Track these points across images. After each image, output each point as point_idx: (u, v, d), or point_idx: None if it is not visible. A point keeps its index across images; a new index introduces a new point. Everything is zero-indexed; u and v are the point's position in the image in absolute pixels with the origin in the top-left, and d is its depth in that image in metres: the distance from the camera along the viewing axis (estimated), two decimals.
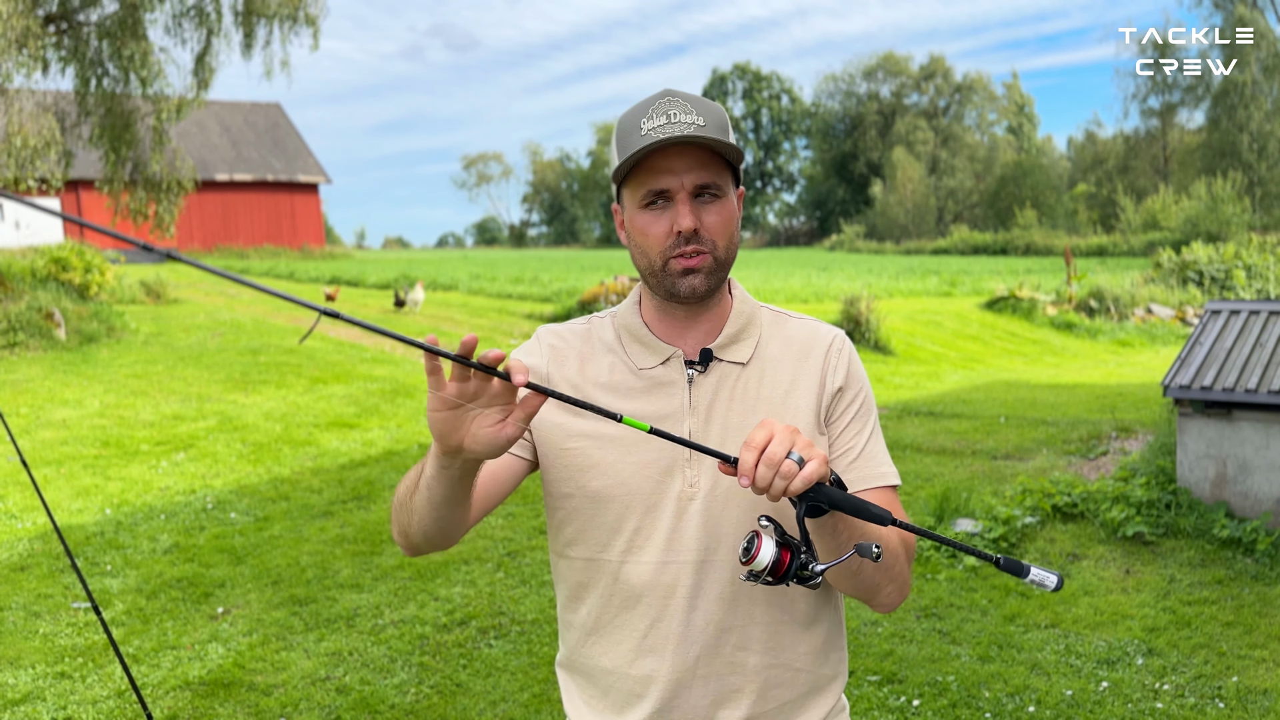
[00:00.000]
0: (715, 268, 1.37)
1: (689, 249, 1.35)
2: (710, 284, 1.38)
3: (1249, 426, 5.17)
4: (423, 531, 1.33)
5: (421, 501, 1.28)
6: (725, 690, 1.40)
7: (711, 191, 1.36)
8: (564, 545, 1.46)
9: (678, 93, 1.37)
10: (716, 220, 1.36)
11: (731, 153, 1.35)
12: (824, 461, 1.14)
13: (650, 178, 1.35)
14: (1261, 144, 44.06)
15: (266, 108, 39.78)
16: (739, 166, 1.41)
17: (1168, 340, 16.01)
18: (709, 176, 1.34)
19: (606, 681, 1.45)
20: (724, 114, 1.39)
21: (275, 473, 6.93)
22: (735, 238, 1.40)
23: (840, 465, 1.43)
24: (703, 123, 1.33)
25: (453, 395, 1.09)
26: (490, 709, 3.72)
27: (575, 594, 1.47)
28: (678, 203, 1.34)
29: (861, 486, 1.42)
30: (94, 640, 4.29)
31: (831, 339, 1.48)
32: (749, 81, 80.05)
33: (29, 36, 12.77)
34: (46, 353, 11.58)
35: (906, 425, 8.47)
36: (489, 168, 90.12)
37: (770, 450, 1.12)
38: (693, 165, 1.34)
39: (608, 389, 1.43)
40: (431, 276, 22.80)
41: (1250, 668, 3.89)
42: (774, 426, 1.14)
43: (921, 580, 4.88)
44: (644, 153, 1.32)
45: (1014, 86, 69.24)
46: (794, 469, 1.11)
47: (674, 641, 1.39)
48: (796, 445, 1.13)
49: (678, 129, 1.31)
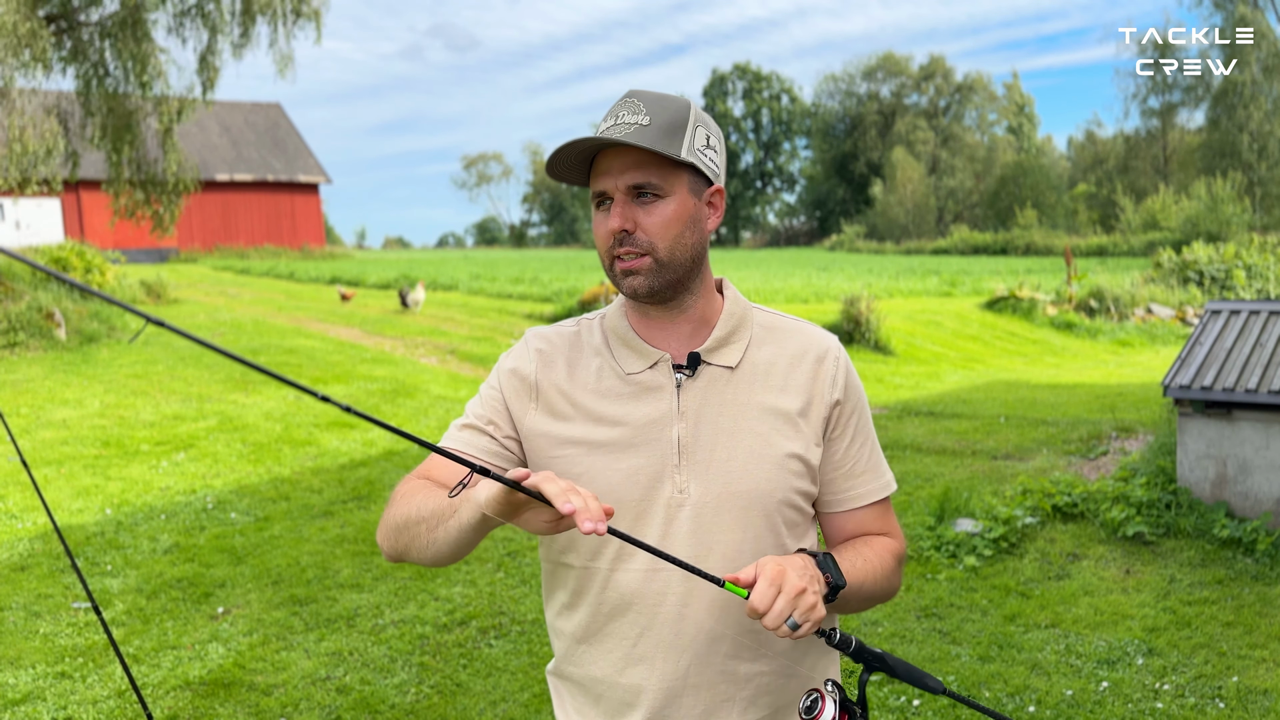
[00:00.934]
0: (656, 268, 1.36)
1: (622, 250, 1.35)
2: (653, 284, 1.36)
3: (1249, 426, 5.17)
4: (428, 558, 1.34)
5: (443, 539, 1.29)
6: (717, 699, 1.39)
7: (650, 191, 1.35)
8: (557, 554, 1.45)
9: (639, 93, 1.36)
10: (653, 221, 1.35)
11: (664, 155, 1.33)
12: (820, 617, 1.21)
13: (595, 180, 1.37)
14: (1261, 144, 44.03)
15: (266, 108, 39.78)
16: (699, 164, 1.38)
17: (1168, 340, 16.01)
18: (644, 177, 1.34)
19: (597, 690, 1.43)
20: (682, 112, 1.36)
21: (275, 473, 6.93)
22: (685, 237, 1.37)
23: (846, 478, 1.47)
24: (646, 122, 1.32)
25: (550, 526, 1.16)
26: (490, 709, 3.72)
27: (566, 602, 1.45)
28: (614, 203, 1.35)
29: (871, 499, 1.48)
30: (94, 640, 4.29)
31: (827, 348, 1.46)
32: (749, 81, 79.96)
33: (32, 37, 12.77)
34: (46, 353, 11.58)
35: (906, 425, 8.47)
36: (489, 168, 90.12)
37: (771, 615, 1.18)
38: (628, 166, 1.34)
39: (596, 394, 1.41)
40: (432, 276, 22.81)
41: (1250, 668, 3.89)
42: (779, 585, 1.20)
43: (921, 580, 4.88)
44: (559, 155, 1.34)
45: (1014, 86, 69.22)
46: (788, 631, 1.19)
47: (664, 650, 1.38)
48: (797, 611, 1.19)
49: (617, 131, 1.32)
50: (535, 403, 1.43)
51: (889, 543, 1.48)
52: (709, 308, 1.44)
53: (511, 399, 1.44)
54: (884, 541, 1.48)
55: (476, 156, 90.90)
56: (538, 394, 1.43)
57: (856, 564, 1.38)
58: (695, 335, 1.43)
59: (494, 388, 1.47)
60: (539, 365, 1.45)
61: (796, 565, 1.24)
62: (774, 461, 1.39)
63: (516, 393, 1.44)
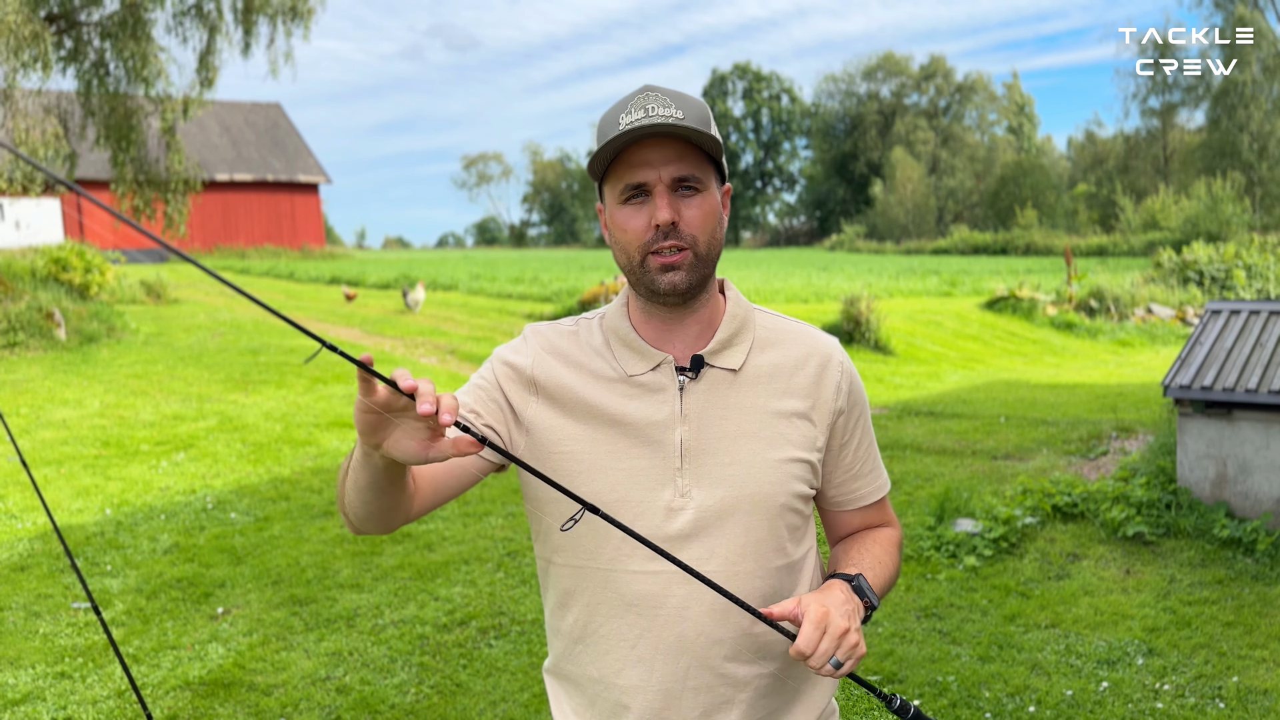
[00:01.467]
0: (696, 264, 1.34)
1: (667, 244, 1.32)
2: (691, 280, 1.34)
3: (1249, 426, 5.17)
4: (355, 512, 1.30)
5: (350, 484, 1.26)
6: (715, 701, 1.38)
7: (691, 184, 1.32)
8: (551, 551, 1.44)
9: (657, 88, 1.34)
10: (696, 214, 1.32)
11: (710, 144, 1.32)
12: (862, 654, 1.25)
13: (628, 171, 1.32)
14: (1261, 144, 44.03)
15: (266, 108, 39.78)
16: (721, 161, 1.38)
17: (1168, 340, 16.01)
18: (688, 169, 1.32)
19: (593, 691, 1.42)
20: (705, 108, 1.36)
21: (275, 473, 6.93)
22: (718, 233, 1.36)
23: (854, 480, 1.49)
24: (681, 115, 1.30)
25: (379, 405, 1.08)
26: (490, 709, 3.72)
27: (563, 601, 1.44)
28: (656, 196, 1.32)
29: (873, 499, 1.52)
30: (94, 640, 4.29)
31: (830, 354, 1.45)
32: (749, 81, 80.00)
33: (34, 37, 12.77)
34: (46, 353, 11.58)
35: (906, 425, 8.46)
36: (489, 168, 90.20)
37: (816, 657, 1.21)
38: (671, 157, 1.31)
39: (597, 393, 1.39)
40: (432, 276, 22.81)
41: (1250, 668, 3.89)
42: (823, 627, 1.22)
43: (921, 580, 4.88)
44: (620, 144, 1.29)
45: (1014, 86, 69.25)
46: (831, 670, 1.23)
47: (664, 652, 1.36)
48: (840, 650, 1.23)
49: (654, 121, 1.28)
50: (536, 396, 1.41)
51: (892, 534, 1.53)
52: (714, 309, 1.43)
53: (510, 389, 1.41)
54: (888, 534, 1.52)
55: (476, 156, 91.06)
56: (537, 388, 1.41)
57: (877, 570, 1.42)
58: (700, 337, 1.41)
59: (487, 379, 1.44)
60: (538, 360, 1.42)
61: (838, 603, 1.27)
62: (776, 466, 1.38)
63: (514, 384, 1.41)
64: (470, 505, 6.13)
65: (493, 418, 1.40)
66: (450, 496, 1.39)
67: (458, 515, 5.95)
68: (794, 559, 1.43)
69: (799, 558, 1.44)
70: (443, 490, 1.37)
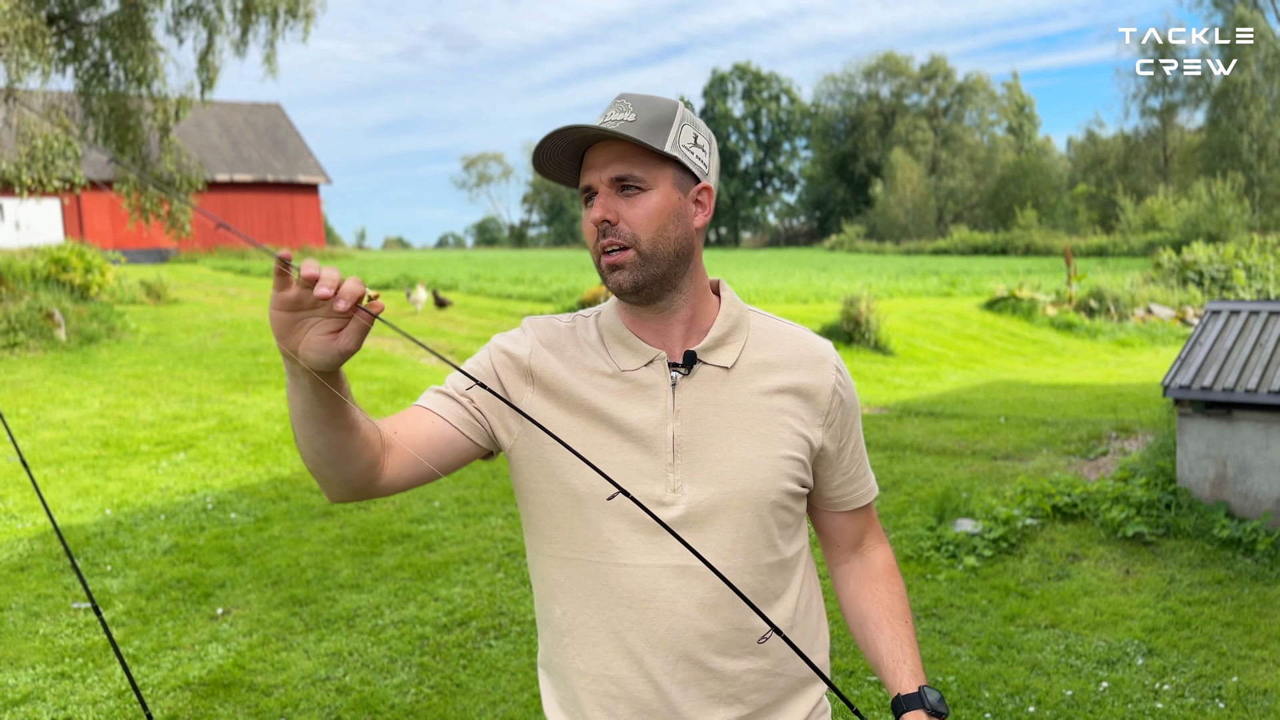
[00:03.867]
0: (641, 262, 1.35)
1: (606, 241, 1.35)
2: (638, 279, 1.35)
3: (1249, 427, 5.17)
4: (307, 458, 1.29)
5: (293, 422, 1.27)
6: (704, 695, 1.38)
7: (632, 184, 1.35)
8: (541, 542, 1.45)
9: (630, 95, 1.38)
10: (638, 213, 1.34)
11: (648, 144, 1.33)
12: None
13: (581, 176, 1.39)
14: (1261, 144, 44.05)
15: (266, 108, 39.78)
16: (690, 160, 1.38)
17: (1168, 340, 16.01)
18: (627, 169, 1.34)
19: (580, 684, 1.42)
20: (668, 110, 1.37)
21: (275, 473, 6.93)
22: (667, 231, 1.36)
23: (848, 483, 1.52)
24: (632, 119, 1.33)
25: (292, 298, 1.12)
26: (490, 709, 3.72)
27: (551, 592, 1.45)
28: (598, 195, 1.36)
29: (863, 502, 1.55)
30: (94, 640, 4.29)
31: (824, 357, 1.47)
32: (749, 82, 79.96)
33: (36, 36, 12.77)
34: (46, 353, 11.58)
35: (906, 425, 8.47)
36: (489, 168, 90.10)
37: None
38: (611, 159, 1.35)
39: (591, 388, 1.40)
40: (432, 277, 22.80)
41: (1250, 668, 3.89)
42: None
43: (921, 580, 4.88)
44: (545, 149, 1.35)
45: (1014, 87, 69.24)
46: None
47: (653, 645, 1.37)
48: None
49: (564, 125, 1.33)
50: (532, 386, 1.42)
51: (894, 575, 1.56)
52: (701, 309, 1.43)
53: (506, 377, 1.43)
54: (892, 580, 1.55)
55: (476, 157, 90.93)
56: (533, 378, 1.42)
57: (914, 651, 1.47)
58: (689, 336, 1.42)
59: (482, 363, 1.45)
60: (536, 351, 1.43)
61: None
62: (768, 463, 1.39)
63: (511, 372, 1.43)
64: (470, 505, 6.13)
65: (484, 403, 1.42)
66: (431, 473, 1.38)
67: (458, 515, 5.95)
68: (785, 556, 1.43)
69: (790, 556, 1.44)
70: (423, 455, 1.36)
